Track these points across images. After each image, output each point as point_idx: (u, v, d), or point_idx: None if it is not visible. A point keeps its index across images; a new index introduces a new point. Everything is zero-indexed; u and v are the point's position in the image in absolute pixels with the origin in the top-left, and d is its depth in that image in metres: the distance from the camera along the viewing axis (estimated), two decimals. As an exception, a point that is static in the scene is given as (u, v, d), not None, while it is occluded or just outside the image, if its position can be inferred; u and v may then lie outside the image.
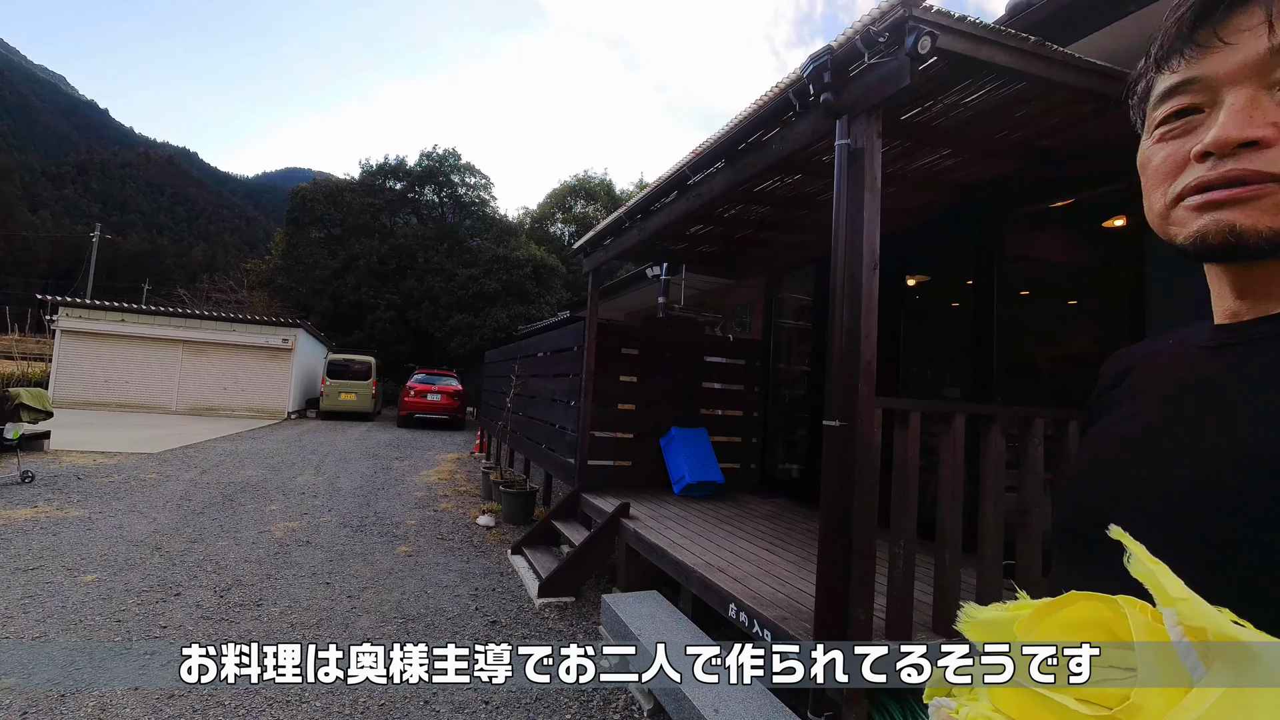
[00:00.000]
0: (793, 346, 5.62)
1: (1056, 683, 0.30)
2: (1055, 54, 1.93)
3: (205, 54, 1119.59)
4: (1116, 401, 0.56)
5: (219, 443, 10.07)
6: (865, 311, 1.99)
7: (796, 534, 3.75)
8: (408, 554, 4.63)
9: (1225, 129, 0.42)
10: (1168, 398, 0.50)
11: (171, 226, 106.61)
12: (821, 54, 2.08)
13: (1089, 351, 3.28)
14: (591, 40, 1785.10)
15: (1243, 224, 0.41)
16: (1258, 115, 0.41)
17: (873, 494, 1.97)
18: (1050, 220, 3.30)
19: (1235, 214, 0.42)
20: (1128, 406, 0.54)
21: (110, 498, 5.62)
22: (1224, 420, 0.44)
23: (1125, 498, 0.48)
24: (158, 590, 3.52)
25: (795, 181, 3.32)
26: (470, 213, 26.76)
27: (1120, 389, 0.57)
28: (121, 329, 14.51)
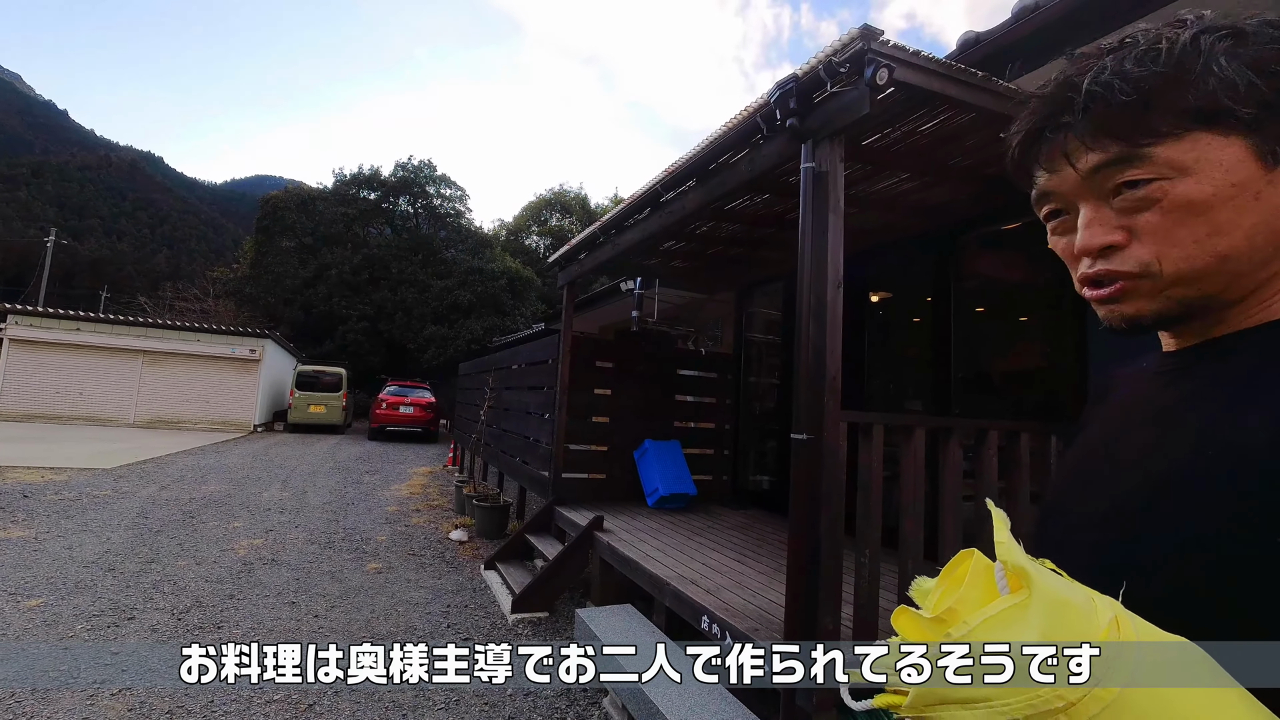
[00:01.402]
0: (763, 360, 5.72)
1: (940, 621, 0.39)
2: (1000, 88, 2.06)
3: (174, 58, 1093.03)
4: (1091, 418, 0.61)
5: (180, 457, 9.72)
6: (830, 328, 2.07)
7: (767, 544, 3.81)
8: (378, 571, 4.53)
9: (1083, 241, 0.48)
10: (1119, 419, 0.55)
11: (133, 232, 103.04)
12: (787, 81, 2.17)
13: (1038, 366, 3.45)
14: (566, 57, 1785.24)
15: (1128, 312, 0.48)
16: (1107, 223, 0.47)
17: (839, 505, 2.03)
18: (1002, 241, 3.47)
19: (1122, 306, 0.48)
20: (1094, 425, 0.59)
21: (59, 516, 5.37)
22: (1152, 445, 0.48)
23: (1072, 509, 0.52)
24: (109, 614, 3.36)
25: (764, 201, 3.42)
26: (445, 224, 26.57)
27: (1099, 406, 0.61)
28: (76, 338, 13.93)
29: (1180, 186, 0.44)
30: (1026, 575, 0.35)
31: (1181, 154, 0.44)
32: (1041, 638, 0.33)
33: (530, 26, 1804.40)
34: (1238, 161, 0.43)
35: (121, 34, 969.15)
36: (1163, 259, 0.45)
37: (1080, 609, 0.34)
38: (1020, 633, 0.34)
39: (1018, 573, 0.36)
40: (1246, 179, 0.43)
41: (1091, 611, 0.34)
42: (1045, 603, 0.34)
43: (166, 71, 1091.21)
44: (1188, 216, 0.44)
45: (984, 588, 0.38)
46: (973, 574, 0.39)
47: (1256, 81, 0.42)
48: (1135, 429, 0.52)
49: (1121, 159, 0.45)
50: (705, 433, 5.51)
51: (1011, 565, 0.36)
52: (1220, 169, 0.43)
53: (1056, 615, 0.34)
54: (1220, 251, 0.44)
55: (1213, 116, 0.43)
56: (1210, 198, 0.43)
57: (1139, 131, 0.44)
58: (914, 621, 0.40)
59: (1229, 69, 0.42)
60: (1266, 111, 0.42)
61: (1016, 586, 0.36)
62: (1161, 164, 0.44)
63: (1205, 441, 0.43)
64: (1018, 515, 2.36)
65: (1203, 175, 0.43)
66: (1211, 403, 0.45)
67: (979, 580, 0.38)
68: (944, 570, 0.42)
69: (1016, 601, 0.35)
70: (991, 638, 0.34)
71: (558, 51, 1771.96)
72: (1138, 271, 0.46)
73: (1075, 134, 0.47)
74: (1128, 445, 0.51)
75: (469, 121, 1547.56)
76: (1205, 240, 0.44)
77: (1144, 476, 0.46)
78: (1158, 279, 0.46)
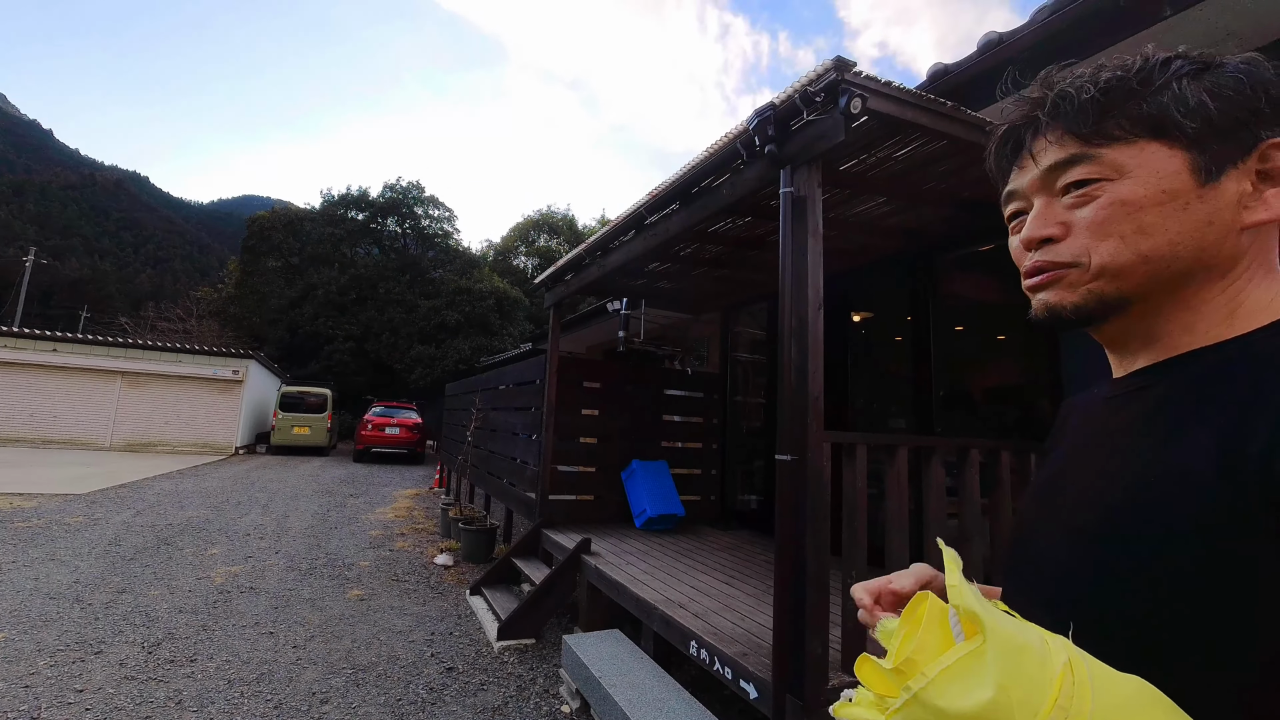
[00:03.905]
0: (749, 379, 5.75)
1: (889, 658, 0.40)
2: (968, 117, 2.13)
3: (162, 81, 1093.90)
4: (1053, 446, 0.63)
5: (157, 481, 9.48)
6: (812, 349, 2.09)
7: (756, 565, 3.78)
8: (360, 598, 4.43)
9: (1028, 230, 0.53)
10: (1074, 447, 0.57)
11: (116, 252, 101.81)
12: (765, 109, 2.23)
13: (1017, 383, 3.51)
14: (551, 81, 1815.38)
15: (1051, 301, 0.52)
16: (1050, 218, 0.52)
17: (824, 527, 2.03)
18: (978, 262, 3.56)
19: (1047, 294, 0.53)
20: (1055, 453, 0.60)
21: (27, 545, 5.19)
22: (1103, 472, 0.50)
23: (1034, 540, 0.54)
24: (75, 648, 3.23)
25: (746, 223, 3.48)
26: (433, 244, 26.59)
27: (1061, 434, 0.63)
28: (53, 359, 13.62)
29: (1119, 186, 0.48)
30: (979, 620, 0.35)
31: (1127, 158, 0.48)
32: (996, 687, 0.33)
33: (515, 51, 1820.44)
34: (1174, 172, 0.46)
35: (109, 55, 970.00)
36: (1092, 251, 0.49)
37: (1035, 653, 0.34)
38: (977, 682, 0.34)
39: (970, 617, 0.36)
40: (1179, 189, 0.46)
41: (1046, 655, 0.34)
42: (1000, 649, 0.34)
43: (155, 94, 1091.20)
44: (1119, 214, 0.48)
45: (940, 634, 0.39)
46: (928, 619, 0.39)
47: (1207, 102, 0.46)
48: (1088, 456, 0.53)
49: (1074, 158, 0.50)
50: (693, 453, 5.50)
51: (964, 610, 0.37)
52: (1157, 175, 0.47)
53: (1012, 662, 0.33)
54: (1142, 251, 0.47)
55: (1161, 127, 0.47)
56: (1141, 199, 0.47)
57: (1095, 133, 0.49)
58: (875, 671, 0.40)
59: (1185, 88, 0.46)
60: (1209, 131, 0.46)
61: (971, 632, 0.37)
62: (1107, 164, 0.48)
63: (1149, 468, 0.44)
64: (1000, 533, 2.38)
65: (1139, 178, 0.47)
66: (1155, 428, 0.46)
67: (934, 626, 0.39)
68: (904, 613, 0.42)
69: (972, 649, 0.35)
70: (949, 688, 0.34)
71: (543, 75, 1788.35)
72: (1068, 261, 0.50)
73: (1041, 130, 0.52)
74: (1082, 473, 0.52)
75: (456, 144, 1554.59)
76: (1130, 237, 0.47)
77: (1099, 504, 0.47)
78: (1084, 270, 0.50)
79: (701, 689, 2.83)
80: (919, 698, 0.35)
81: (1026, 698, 0.32)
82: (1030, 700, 0.32)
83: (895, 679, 0.38)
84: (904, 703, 0.36)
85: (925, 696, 0.35)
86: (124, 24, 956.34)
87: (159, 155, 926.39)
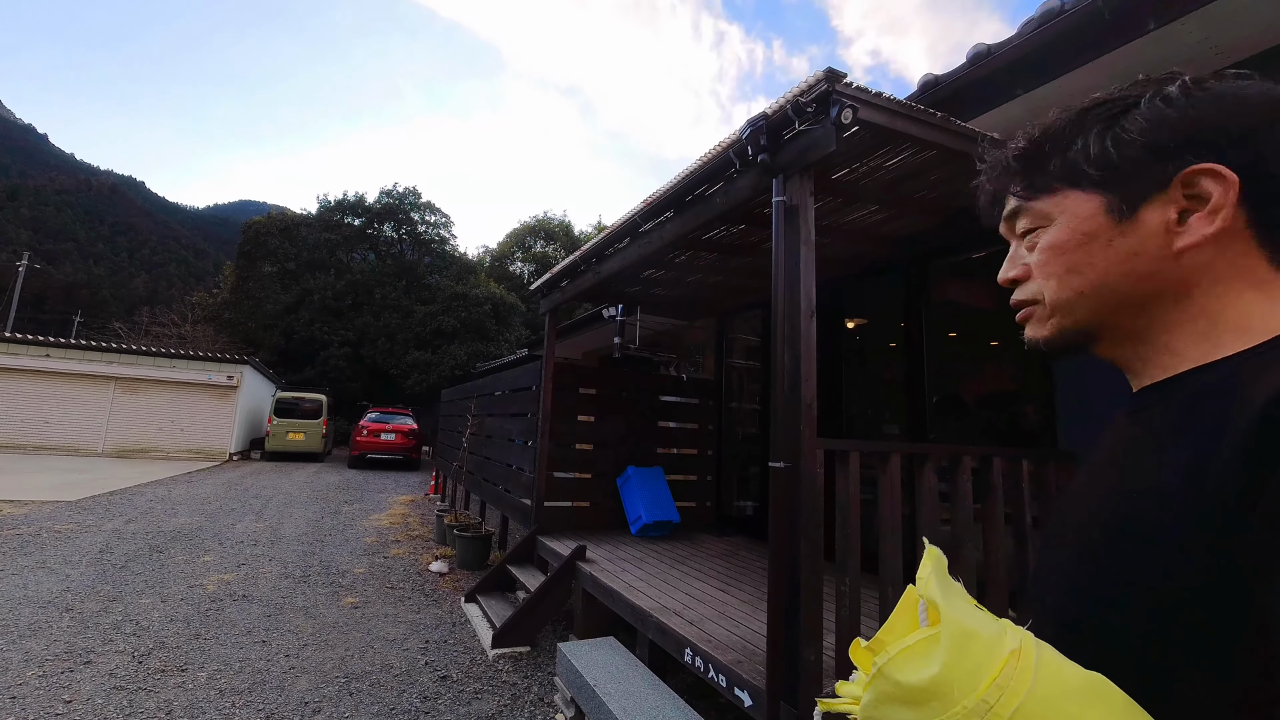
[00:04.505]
0: (744, 386, 5.77)
1: None
2: (958, 127, 2.16)
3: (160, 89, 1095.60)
4: (1084, 460, 0.64)
5: (149, 488, 9.41)
6: (805, 356, 2.10)
7: (751, 572, 3.78)
8: (354, 606, 4.40)
9: (1001, 273, 0.60)
10: (1094, 463, 0.58)
11: (111, 256, 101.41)
12: (758, 119, 2.25)
13: (1009, 389, 3.53)
14: (547, 88, 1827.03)
15: (1030, 335, 0.58)
16: (1016, 260, 0.58)
17: (818, 533, 2.03)
18: (971, 269, 3.59)
19: (1028, 329, 0.58)
20: (1082, 467, 0.62)
21: (16, 553, 5.14)
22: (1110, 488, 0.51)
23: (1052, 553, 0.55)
24: (64, 658, 3.20)
25: (740, 231, 3.50)
26: (430, 250, 26.59)
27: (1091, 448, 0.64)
28: (45, 364, 13.53)
29: (1049, 232, 0.54)
30: (937, 608, 0.40)
31: (1052, 206, 0.54)
32: (943, 665, 0.38)
33: (512, 59, 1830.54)
34: (1090, 214, 0.52)
35: (107, 62, 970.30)
36: (1045, 290, 0.55)
37: (985, 639, 0.38)
38: (928, 661, 0.39)
39: (931, 606, 0.41)
40: (1097, 229, 0.51)
41: (997, 642, 0.38)
42: (951, 633, 0.39)
43: (153, 100, 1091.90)
44: (1051, 257, 0.54)
45: (909, 619, 0.43)
46: (902, 607, 0.44)
47: (1109, 149, 0.51)
48: (1102, 473, 0.55)
49: (1014, 211, 0.58)
50: (688, 459, 5.50)
51: (926, 599, 0.42)
52: (1076, 219, 0.53)
53: (960, 645, 0.38)
54: (1077, 287, 0.53)
55: (1073, 177, 0.53)
56: (1065, 242, 0.53)
57: (1027, 187, 0.56)
58: (860, 652, 0.46)
59: (1091, 139, 0.52)
60: (1113, 174, 0.51)
61: (935, 619, 0.41)
62: (1038, 214, 0.55)
63: (1139, 487, 0.46)
64: (992, 539, 2.39)
65: (1062, 224, 0.53)
66: (1148, 449, 0.48)
67: (905, 613, 0.44)
68: (897, 605, 0.46)
69: (931, 633, 0.40)
70: (906, 664, 0.40)
71: (539, 83, 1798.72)
72: (1033, 299, 0.57)
73: (1005, 186, 0.59)
74: (1094, 489, 0.54)
75: (453, 151, 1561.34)
76: (1065, 277, 0.53)
77: (1100, 521, 0.49)
78: (1044, 307, 0.56)
79: (696, 696, 2.83)
80: (883, 671, 0.41)
81: (968, 676, 0.37)
82: (971, 678, 0.37)
83: (868, 656, 0.44)
84: (873, 675, 0.42)
85: (887, 670, 0.41)
86: (123, 30, 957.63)
87: (156, 160, 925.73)
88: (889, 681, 0.40)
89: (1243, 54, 2.10)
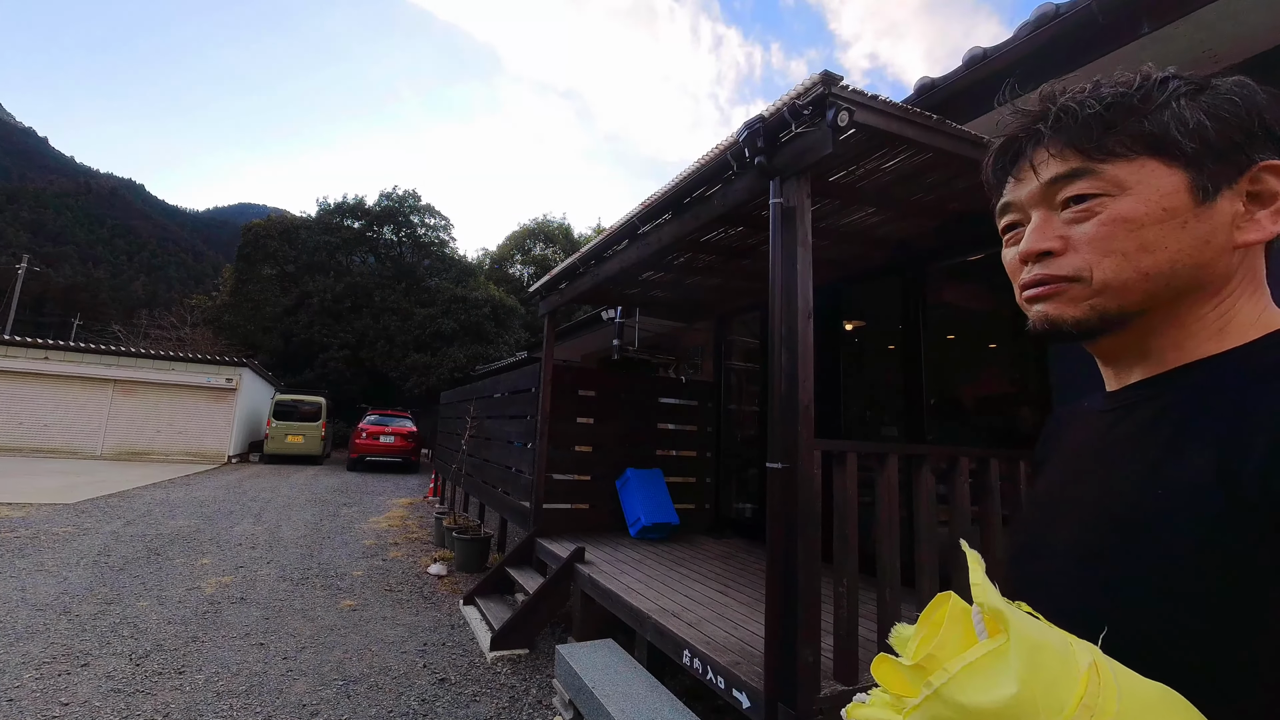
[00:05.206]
0: (743, 387, 5.77)
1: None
2: (954, 130, 2.17)
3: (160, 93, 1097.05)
4: (1047, 456, 0.63)
5: (148, 490, 9.39)
6: (802, 358, 2.10)
7: (749, 574, 3.78)
8: (352, 608, 4.40)
9: (1026, 244, 0.53)
10: (1075, 459, 0.57)
11: (110, 259, 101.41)
12: (755, 122, 2.26)
13: (1006, 391, 3.54)
14: (545, 91, 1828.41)
15: (1052, 314, 0.52)
16: (1048, 231, 0.51)
17: (815, 535, 2.03)
18: (968, 271, 3.60)
19: (1046, 307, 0.52)
20: (1052, 464, 0.60)
21: (14, 555, 5.13)
22: (1107, 486, 0.49)
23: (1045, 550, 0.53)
24: (62, 661, 3.19)
25: (738, 233, 3.51)
26: (429, 253, 26.60)
27: (1051, 447, 0.63)
28: (44, 367, 13.52)
29: (1120, 203, 0.48)
30: (1003, 618, 0.35)
31: (1128, 174, 0.48)
32: (1020, 683, 0.32)
33: (510, 62, 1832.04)
34: (1174, 189, 0.47)
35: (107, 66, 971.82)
36: (1094, 267, 0.49)
37: (1058, 653, 0.34)
38: (999, 678, 0.33)
39: (994, 615, 0.36)
40: (1178, 206, 0.47)
41: (1069, 656, 0.34)
42: (1023, 647, 0.33)
43: (153, 104, 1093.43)
44: (1121, 230, 0.48)
45: (962, 632, 0.38)
46: (950, 618, 0.39)
47: (1206, 123, 0.46)
48: (1089, 471, 0.53)
49: (1076, 172, 0.50)
50: (687, 461, 5.50)
51: (988, 608, 0.36)
52: (1157, 193, 0.47)
53: (1035, 659, 0.33)
54: (1144, 268, 0.47)
55: (1161, 145, 0.47)
56: (1143, 216, 0.47)
57: (1097, 148, 0.49)
58: (894, 670, 0.39)
59: (1184, 107, 0.47)
60: (1207, 150, 0.46)
61: (994, 630, 0.36)
62: (1109, 180, 0.48)
63: (1151, 483, 0.45)
64: (990, 541, 2.40)
65: (1140, 195, 0.47)
66: (1155, 443, 0.47)
67: (957, 624, 0.38)
68: (922, 615, 0.42)
69: (995, 646, 0.35)
70: (971, 684, 0.34)
71: (537, 86, 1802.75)
72: (1070, 275, 0.50)
73: (1044, 144, 0.52)
74: (1084, 487, 0.52)
75: (453, 154, 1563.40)
76: (1133, 254, 0.48)
77: (1104, 520, 0.48)
78: (1086, 285, 0.49)
79: (694, 698, 2.82)
80: (940, 694, 0.34)
81: (1050, 695, 0.32)
82: (1054, 698, 0.32)
83: (914, 677, 0.37)
84: (924, 699, 0.35)
85: (946, 692, 0.34)
86: (124, 33, 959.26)
87: (156, 164, 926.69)
88: (949, 705, 0.34)
89: (1236, 59, 2.11)
